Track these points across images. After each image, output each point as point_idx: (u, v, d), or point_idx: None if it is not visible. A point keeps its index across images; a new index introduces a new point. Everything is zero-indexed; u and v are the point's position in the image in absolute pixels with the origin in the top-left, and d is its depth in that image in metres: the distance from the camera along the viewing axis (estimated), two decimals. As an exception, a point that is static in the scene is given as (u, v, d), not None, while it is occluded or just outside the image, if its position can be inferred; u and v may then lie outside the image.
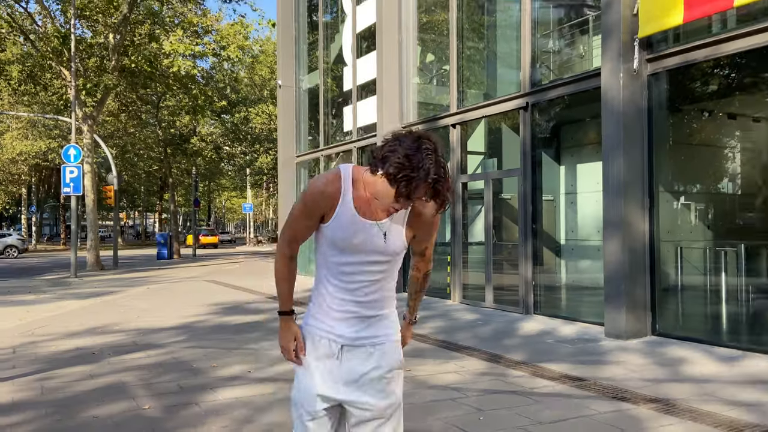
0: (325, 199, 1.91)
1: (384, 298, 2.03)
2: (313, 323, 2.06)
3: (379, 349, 2.03)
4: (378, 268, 1.97)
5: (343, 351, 2.02)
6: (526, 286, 8.68)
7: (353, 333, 2.01)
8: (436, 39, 11.93)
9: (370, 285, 1.98)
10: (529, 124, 8.76)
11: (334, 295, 2.00)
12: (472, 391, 4.75)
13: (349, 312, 2.00)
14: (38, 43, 19.45)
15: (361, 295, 1.98)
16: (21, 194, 45.78)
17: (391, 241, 1.95)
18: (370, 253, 1.94)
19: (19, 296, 12.14)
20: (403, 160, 1.72)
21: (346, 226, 1.91)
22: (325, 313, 2.02)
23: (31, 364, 5.79)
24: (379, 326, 2.05)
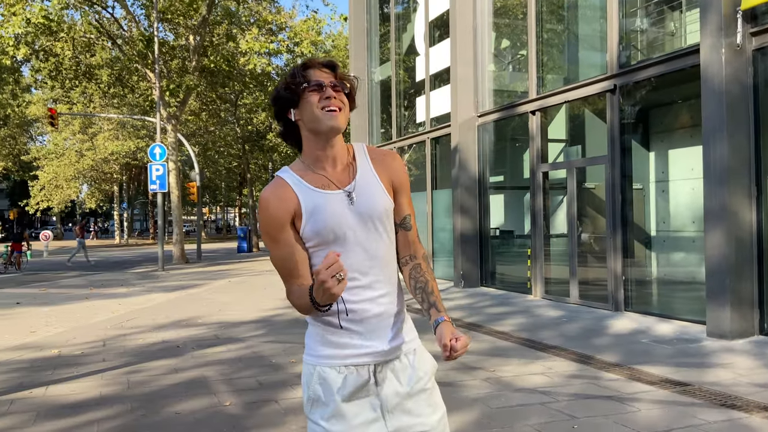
0: (278, 202, 1.65)
1: (394, 288, 1.74)
2: (328, 353, 1.68)
3: (413, 356, 1.75)
4: (368, 241, 1.67)
5: (377, 371, 1.69)
6: (616, 280, 8.17)
7: (387, 343, 1.70)
8: (513, 23, 11.46)
9: (374, 270, 1.68)
10: (616, 108, 8.21)
11: (344, 304, 1.66)
12: (562, 396, 4.44)
13: (370, 317, 1.67)
14: (125, 47, 20.37)
15: (370, 288, 1.68)
16: (113, 192, 48.51)
17: (363, 201, 1.68)
18: (354, 228, 1.66)
19: (112, 289, 12.74)
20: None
21: (319, 207, 1.65)
22: (341, 333, 1.67)
23: (119, 357, 5.96)
24: (406, 328, 1.76)
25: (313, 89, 1.63)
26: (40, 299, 11.10)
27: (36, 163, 42.29)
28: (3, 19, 17.28)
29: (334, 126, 1.63)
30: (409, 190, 1.81)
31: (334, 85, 1.65)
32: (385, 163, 1.76)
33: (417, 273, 1.78)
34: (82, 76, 21.59)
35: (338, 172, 1.69)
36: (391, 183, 1.75)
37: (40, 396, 4.63)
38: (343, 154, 1.71)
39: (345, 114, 1.66)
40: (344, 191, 1.67)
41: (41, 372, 5.40)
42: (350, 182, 1.68)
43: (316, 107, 1.62)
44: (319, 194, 1.65)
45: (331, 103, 1.62)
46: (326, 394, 1.66)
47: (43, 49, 19.23)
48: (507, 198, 11.96)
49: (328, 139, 1.66)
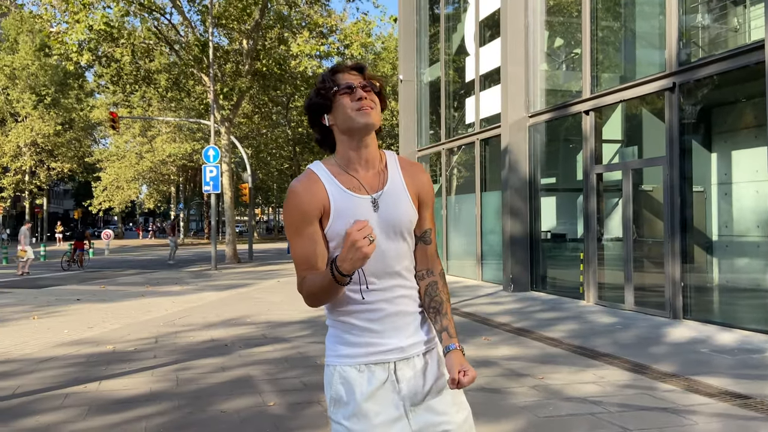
0: (309, 196, 1.66)
1: (412, 290, 1.76)
2: (348, 352, 1.70)
3: (433, 355, 1.76)
4: (389, 247, 1.69)
5: (398, 368, 1.70)
6: (674, 287, 7.83)
7: (406, 340, 1.71)
8: (567, 21, 11.18)
9: (394, 273, 1.70)
10: (676, 107, 7.87)
11: (362, 304, 1.68)
12: (614, 406, 4.26)
13: (389, 316, 1.69)
14: (181, 53, 20.97)
15: (390, 290, 1.70)
16: (170, 193, 50.11)
17: (389, 209, 1.69)
18: (378, 235, 1.66)
19: (167, 287, 13.11)
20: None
21: (346, 209, 1.66)
22: (360, 333, 1.69)
23: (170, 354, 6.09)
24: (425, 328, 1.77)
25: (345, 92, 1.66)
26: (99, 296, 11.52)
27: (99, 164, 44.15)
28: (68, 27, 18.08)
29: (369, 122, 1.64)
30: (433, 204, 1.83)
31: (363, 85, 1.67)
32: (414, 175, 1.78)
33: (433, 291, 1.79)
34: (142, 81, 22.36)
35: (369, 177, 1.71)
36: (418, 195, 1.77)
37: (93, 391, 4.77)
38: (375, 158, 1.73)
39: (377, 112, 1.67)
40: (371, 197, 1.68)
41: (96, 367, 5.58)
42: (379, 189, 1.70)
43: (349, 108, 1.64)
44: (349, 196, 1.67)
45: (363, 103, 1.64)
46: (347, 393, 1.66)
47: (105, 55, 20.01)
48: (559, 200, 11.67)
49: (362, 138, 1.68)
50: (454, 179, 14.56)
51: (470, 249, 13.37)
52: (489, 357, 5.85)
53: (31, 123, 40.35)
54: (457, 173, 14.51)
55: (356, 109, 1.64)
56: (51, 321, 8.44)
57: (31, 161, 42.29)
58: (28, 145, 41.58)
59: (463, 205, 13.92)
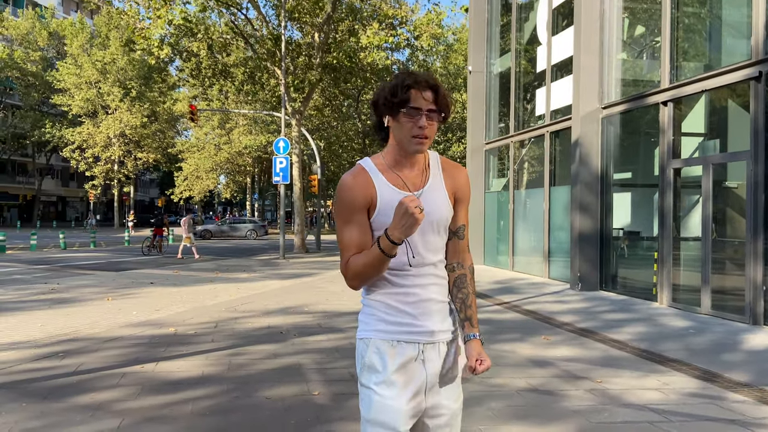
0: (359, 188, 1.82)
1: (443, 281, 1.91)
2: (382, 328, 1.86)
3: (453, 345, 1.91)
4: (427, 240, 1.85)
5: (425, 349, 1.85)
6: (755, 291, 7.26)
7: (435, 325, 1.86)
8: (645, 7, 10.57)
9: (429, 264, 1.86)
10: (762, 97, 7.27)
11: (398, 287, 1.84)
12: (676, 415, 3.97)
13: (422, 301, 1.85)
14: (256, 46, 21.49)
15: (425, 277, 1.86)
16: (246, 183, 51.73)
17: (428, 205, 1.83)
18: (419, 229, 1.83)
19: (235, 274, 13.51)
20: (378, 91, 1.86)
21: (391, 204, 1.80)
22: (395, 312, 1.85)
23: (227, 339, 6.24)
24: (451, 318, 1.93)
25: (409, 113, 1.77)
26: (172, 280, 12.01)
27: (180, 155, 46.17)
28: (150, 22, 18.91)
29: (418, 152, 1.82)
30: (468, 202, 1.97)
31: (429, 112, 1.77)
32: (453, 174, 1.93)
33: (461, 283, 1.94)
34: (219, 75, 23.08)
35: (413, 175, 1.87)
36: (455, 193, 1.92)
37: (149, 371, 4.94)
38: (420, 159, 1.89)
39: (431, 139, 1.82)
40: (414, 194, 1.82)
41: (156, 348, 5.78)
42: (421, 187, 1.86)
43: (407, 131, 1.78)
44: (394, 192, 1.82)
45: (421, 133, 1.77)
46: (381, 363, 1.82)
47: (185, 49, 20.80)
48: (633, 196, 11.09)
49: (410, 154, 1.85)
50: (523, 173, 14.16)
51: (537, 245, 12.96)
52: (546, 357, 5.63)
53: (120, 115, 42.69)
54: (527, 167, 14.09)
55: (413, 135, 1.77)
56: (123, 302, 8.85)
57: (120, 151, 44.77)
58: (117, 136, 44.03)
59: (531, 199, 13.51)
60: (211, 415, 3.89)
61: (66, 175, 59.19)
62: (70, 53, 43.11)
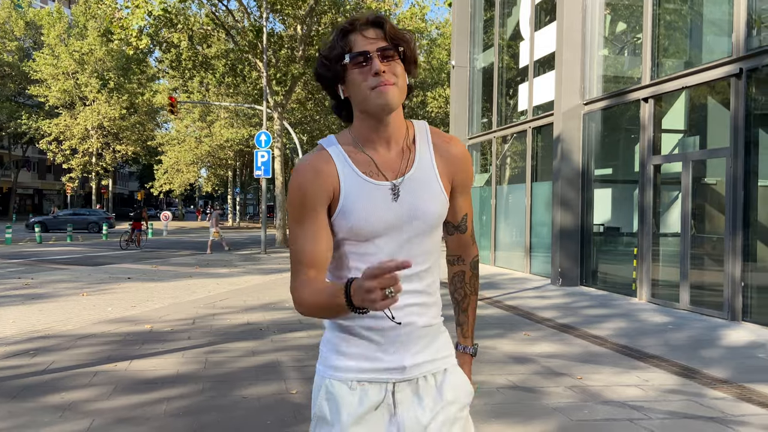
0: (315, 177, 1.38)
1: (431, 298, 1.45)
2: (341, 365, 1.42)
3: (446, 377, 1.47)
4: (410, 244, 1.40)
5: (396, 392, 1.43)
6: (733, 286, 7.32)
7: (408, 359, 1.42)
8: (627, 4, 10.59)
9: (410, 277, 1.40)
10: (742, 95, 7.31)
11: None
12: (656, 412, 3.97)
13: (396, 327, 1.40)
14: (237, 38, 21.22)
15: (401, 295, 1.39)
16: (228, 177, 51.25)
17: (413, 200, 1.39)
18: (396, 228, 1.39)
19: (215, 269, 13.35)
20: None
21: (358, 199, 1.37)
22: (359, 342, 1.42)
23: (204, 336, 6.13)
24: (439, 344, 1.48)
25: (357, 63, 1.35)
26: (149, 275, 11.83)
27: (160, 148, 45.58)
28: (129, 12, 18.57)
29: (386, 104, 1.33)
30: (470, 186, 1.53)
31: (382, 51, 1.34)
32: (449, 153, 1.46)
33: (458, 281, 1.60)
34: (200, 66, 22.78)
35: (391, 158, 1.41)
36: (452, 179, 1.47)
37: (123, 370, 4.82)
38: (400, 134, 1.42)
39: (400, 87, 1.35)
40: (391, 184, 1.39)
41: (130, 346, 5.66)
42: (402, 174, 1.40)
43: (363, 86, 1.34)
44: (363, 182, 1.38)
45: (380, 80, 1.32)
46: (332, 413, 1.41)
47: (165, 40, 20.47)
48: (613, 192, 11.14)
49: (380, 120, 1.38)
50: (505, 168, 14.17)
51: (519, 240, 12.99)
52: (527, 353, 5.61)
53: (98, 107, 41.98)
54: (509, 162, 14.10)
55: (371, 87, 1.33)
56: (98, 298, 8.68)
57: (98, 144, 44.06)
58: (95, 128, 43.31)
59: (513, 195, 13.53)
60: (186, 415, 3.79)
61: (43, 167, 58.19)
62: (47, 43, 42.26)
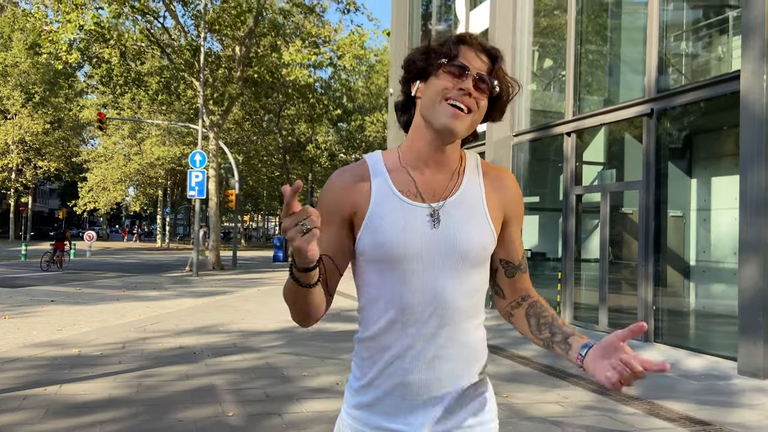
0: (343, 189, 1.25)
1: (470, 344, 1.27)
2: (356, 414, 1.27)
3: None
4: (440, 282, 1.22)
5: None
6: (646, 310, 7.88)
7: (435, 424, 1.24)
8: (553, 43, 11.31)
9: (442, 315, 1.23)
10: (653, 133, 7.97)
11: (388, 347, 1.23)
12: (574, 427, 4.27)
13: (420, 377, 1.22)
14: (173, 56, 20.97)
15: (431, 338, 1.22)
16: (157, 196, 49.82)
17: (454, 227, 1.24)
18: (429, 257, 1.22)
19: (144, 292, 13.01)
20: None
21: (387, 216, 1.22)
22: (379, 389, 1.24)
23: (135, 360, 6.03)
24: (473, 407, 1.28)
25: (452, 70, 1.24)
26: (74, 298, 11.41)
27: (86, 165, 43.87)
28: (60, 26, 18.04)
29: (449, 127, 1.21)
30: (522, 221, 1.39)
31: (480, 78, 1.24)
32: (501, 184, 1.33)
33: (538, 309, 1.35)
34: (132, 83, 22.31)
35: (436, 180, 1.28)
36: (504, 212, 1.32)
37: (53, 394, 4.71)
38: (452, 160, 1.30)
39: (473, 119, 1.24)
40: (429, 207, 1.24)
41: (59, 370, 5.51)
42: (444, 197, 1.26)
43: (440, 93, 1.22)
44: (397, 201, 1.24)
45: (461, 99, 1.21)
46: None
47: (96, 55, 19.96)
48: (540, 219, 11.74)
49: (437, 139, 1.26)
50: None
51: (451, 264, 13.38)
52: (457, 374, 5.85)
53: (20, 121, 40.08)
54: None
55: (447, 100, 1.21)
56: (22, 321, 8.34)
57: (18, 159, 41.95)
58: (16, 143, 41.27)
59: (446, 220, 13.95)
60: (120, 439, 3.78)
61: (-45, 182, 54.62)
62: (-35, 52, 40.13)
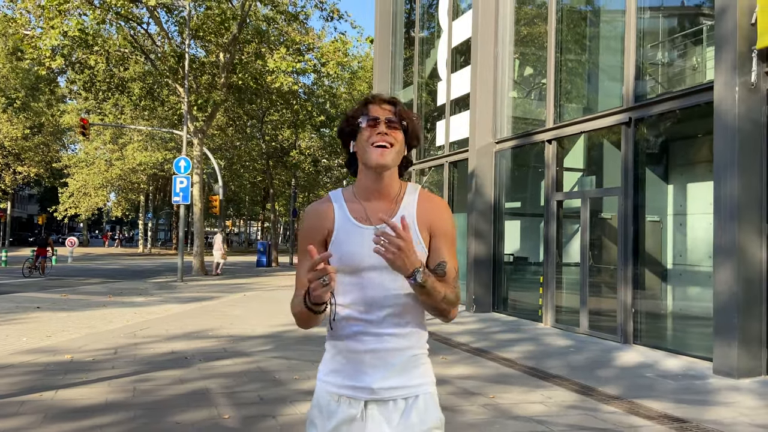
0: (315, 219, 1.75)
1: (409, 329, 1.72)
2: (328, 379, 1.74)
3: (414, 403, 1.71)
4: (388, 280, 1.67)
5: (368, 408, 1.69)
6: (625, 312, 8.14)
7: (380, 381, 1.68)
8: (534, 52, 11.59)
9: (388, 308, 1.68)
10: (631, 141, 8.25)
11: (350, 331, 1.70)
12: (557, 426, 4.46)
13: (371, 351, 1.68)
14: (157, 62, 20.96)
15: (379, 324, 1.69)
16: (139, 201, 49.43)
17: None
18: (376, 266, 1.67)
19: (129, 298, 13.01)
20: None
21: (349, 238, 1.70)
22: (342, 361, 1.72)
23: (129, 365, 6.12)
24: (413, 373, 1.73)
25: (368, 123, 1.69)
26: (60, 304, 11.39)
27: (66, 170, 43.40)
28: (42, 32, 17.96)
29: (380, 163, 1.67)
30: (451, 239, 1.76)
31: (389, 121, 1.69)
32: (431, 209, 1.75)
33: None
34: (115, 89, 22.25)
35: (380, 207, 1.72)
36: (429, 228, 1.74)
37: (50, 399, 4.80)
38: (392, 189, 1.74)
39: (396, 151, 1.69)
40: (375, 228, 1.68)
41: (53, 376, 5.58)
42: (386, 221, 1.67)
43: (366, 142, 1.68)
44: (352, 225, 1.71)
45: (381, 139, 1.66)
46: (319, 417, 1.72)
47: (79, 61, 19.89)
48: (522, 225, 11.99)
49: (376, 174, 1.71)
50: (423, 200, 14.79)
51: (436, 269, 13.55)
52: (445, 376, 6.02)
53: (-1, 125, 39.56)
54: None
55: (372, 144, 1.66)
56: (9, 328, 8.35)
57: (-4, 164, 41.39)
58: (-6, 148, 40.72)
59: (430, 225, 14.12)
60: (121, 441, 3.89)
61: (-69, 187, 53.64)
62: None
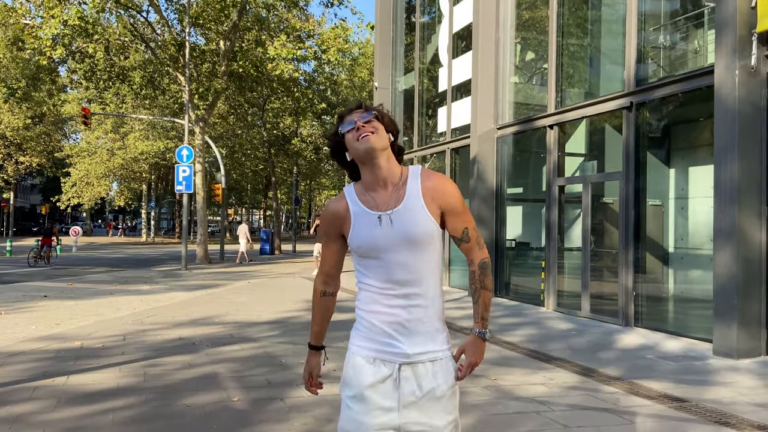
0: (337, 214, 2.01)
1: (430, 300, 1.97)
2: (364, 344, 2.00)
3: (439, 365, 1.97)
4: (407, 259, 1.92)
5: (402, 369, 1.95)
6: (627, 295, 8.22)
7: (412, 347, 1.94)
8: (535, 37, 11.58)
9: (411, 284, 1.93)
10: (633, 125, 8.28)
11: (381, 306, 1.96)
12: (558, 406, 4.56)
13: (399, 323, 1.94)
14: (157, 51, 20.93)
15: (406, 297, 1.94)
16: (142, 190, 49.55)
17: (402, 224, 1.92)
18: (392, 247, 1.92)
19: (135, 286, 13.13)
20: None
21: (363, 225, 1.95)
22: (377, 331, 1.97)
23: (138, 351, 6.23)
24: (437, 339, 1.99)
25: (348, 129, 1.94)
26: (67, 293, 11.52)
27: (69, 160, 43.49)
28: (42, 21, 17.94)
29: (368, 147, 1.89)
30: (462, 208, 1.99)
31: (362, 117, 1.93)
32: (435, 187, 1.96)
33: (471, 279, 2.08)
34: (116, 78, 22.23)
35: (386, 195, 1.95)
36: (440, 206, 1.96)
37: (62, 384, 4.91)
38: (393, 176, 1.96)
39: (380, 135, 1.91)
40: (385, 214, 1.93)
41: (64, 362, 5.70)
42: (394, 206, 1.93)
43: (353, 141, 1.91)
44: (365, 213, 1.95)
45: (362, 131, 1.90)
46: (355, 378, 1.97)
47: (79, 50, 19.87)
48: (524, 210, 12.05)
49: (371, 162, 1.92)
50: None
51: (438, 255, 13.64)
52: (448, 359, 6.12)
53: (0, 116, 39.59)
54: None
55: (356, 139, 1.90)
56: (18, 317, 8.47)
57: (-1, 154, 41.49)
58: (-4, 138, 40.78)
59: (432, 211, 14.19)
60: (134, 423, 4.00)
61: (-66, 178, 53.76)
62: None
